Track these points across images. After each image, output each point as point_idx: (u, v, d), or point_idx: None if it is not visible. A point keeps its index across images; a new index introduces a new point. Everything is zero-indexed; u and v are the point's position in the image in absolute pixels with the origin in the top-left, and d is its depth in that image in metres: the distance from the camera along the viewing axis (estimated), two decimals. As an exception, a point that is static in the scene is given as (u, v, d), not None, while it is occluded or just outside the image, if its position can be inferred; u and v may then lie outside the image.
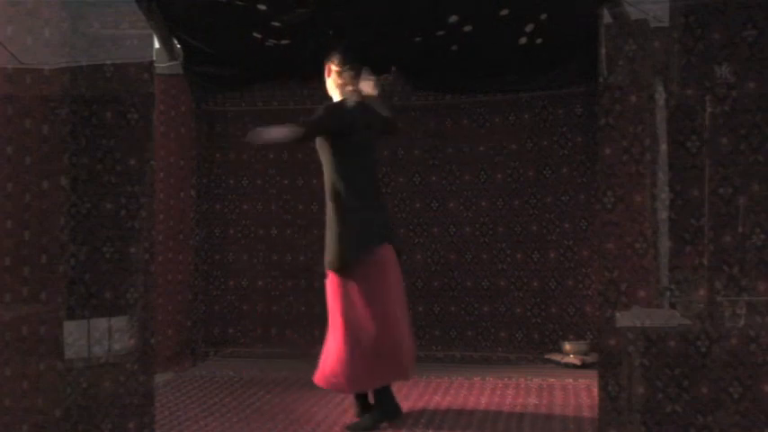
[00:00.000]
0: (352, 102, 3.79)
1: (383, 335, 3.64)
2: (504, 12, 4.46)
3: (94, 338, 3.16)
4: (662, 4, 3.04)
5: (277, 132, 3.78)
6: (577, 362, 4.90)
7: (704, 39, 2.98)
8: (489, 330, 5.36)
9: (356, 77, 3.82)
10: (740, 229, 2.95)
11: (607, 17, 3.14)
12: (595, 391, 3.23)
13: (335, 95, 3.85)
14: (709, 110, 2.98)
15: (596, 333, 4.49)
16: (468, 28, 4.66)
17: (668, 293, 3.01)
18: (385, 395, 3.78)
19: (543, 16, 4.55)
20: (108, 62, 3.21)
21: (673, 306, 3.01)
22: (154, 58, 3.40)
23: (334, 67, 3.81)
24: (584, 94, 5.06)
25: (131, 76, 3.23)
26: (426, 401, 4.19)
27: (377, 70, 5.37)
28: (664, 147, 3.02)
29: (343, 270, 3.66)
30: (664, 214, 3.02)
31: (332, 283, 3.71)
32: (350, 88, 3.80)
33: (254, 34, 4.84)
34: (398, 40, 4.87)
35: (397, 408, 3.81)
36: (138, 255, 3.21)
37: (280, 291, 5.57)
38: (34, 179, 3.08)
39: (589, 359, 4.85)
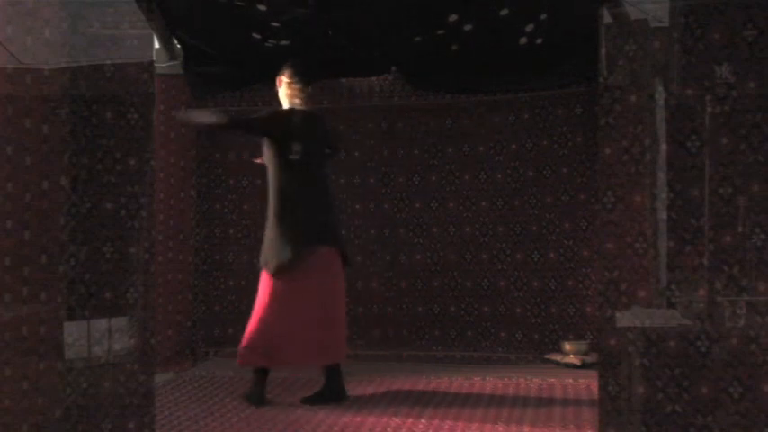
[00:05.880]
0: (297, 111, 4.18)
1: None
2: (505, 11, 4.46)
3: (94, 338, 3.15)
4: (662, 4, 3.03)
5: (210, 117, 4.33)
6: (577, 362, 4.90)
7: (704, 39, 2.98)
8: (489, 330, 5.37)
9: (303, 91, 4.22)
10: (740, 229, 2.95)
11: (607, 17, 3.13)
12: (595, 391, 3.23)
13: (285, 105, 4.23)
14: (709, 110, 2.98)
15: (596, 333, 4.49)
16: (468, 27, 4.66)
17: (668, 293, 3.01)
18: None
19: (543, 16, 4.55)
20: (108, 62, 3.20)
21: (673, 306, 3.01)
22: (154, 58, 3.39)
23: (284, 79, 4.23)
24: (585, 94, 5.06)
25: (131, 76, 3.22)
26: (426, 401, 4.19)
27: (377, 70, 5.42)
28: (664, 147, 3.02)
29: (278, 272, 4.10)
30: (664, 214, 3.01)
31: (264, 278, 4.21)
32: (297, 100, 4.21)
33: (254, 35, 4.84)
34: (398, 40, 4.88)
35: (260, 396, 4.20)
36: (138, 255, 3.21)
37: (280, 291, 5.56)
38: (34, 179, 3.08)
39: (589, 359, 4.85)
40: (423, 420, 3.82)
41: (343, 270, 4.29)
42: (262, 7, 4.41)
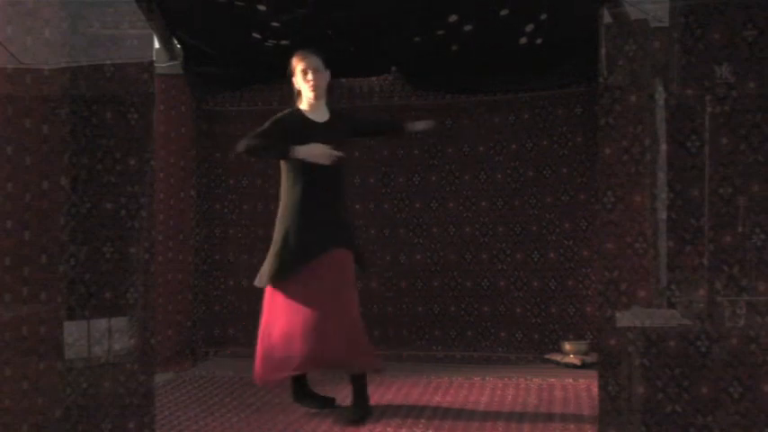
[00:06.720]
0: None
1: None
2: (505, 12, 4.46)
3: (94, 338, 3.15)
4: (662, 4, 3.04)
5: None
6: (577, 362, 4.90)
7: (704, 39, 2.98)
8: (489, 330, 5.36)
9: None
10: (740, 229, 2.95)
11: (607, 17, 3.13)
12: (595, 391, 3.23)
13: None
14: (709, 110, 2.98)
15: (596, 333, 4.49)
16: (468, 27, 4.66)
17: (668, 293, 3.01)
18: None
19: (543, 16, 4.55)
20: (108, 62, 3.21)
21: (673, 306, 3.01)
22: (154, 58, 3.39)
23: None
24: (585, 94, 5.06)
25: (131, 76, 3.23)
26: (426, 401, 4.19)
27: (377, 70, 5.42)
28: (664, 147, 3.02)
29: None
30: (664, 214, 3.01)
31: None
32: None
33: (254, 34, 4.85)
34: (398, 40, 4.88)
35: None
36: (138, 255, 3.21)
37: (280, 291, 5.56)
38: (34, 179, 3.08)
39: (589, 359, 4.85)
40: (422, 420, 3.82)
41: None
42: (262, 7, 4.41)
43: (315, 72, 3.81)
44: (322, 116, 3.88)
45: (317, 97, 3.84)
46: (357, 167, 5.50)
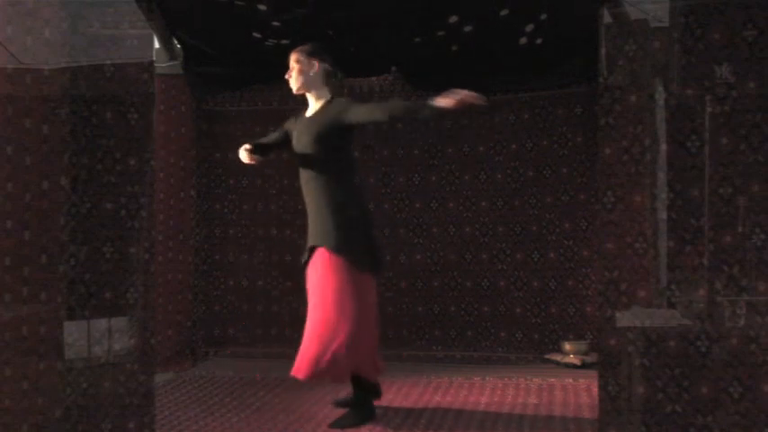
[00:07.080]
0: None
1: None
2: (505, 12, 4.46)
3: (94, 338, 3.16)
4: (662, 4, 3.04)
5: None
6: (577, 362, 4.90)
7: (704, 39, 2.98)
8: (489, 330, 5.37)
9: None
10: (740, 229, 2.95)
11: (607, 17, 3.14)
12: (595, 391, 3.23)
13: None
14: (709, 110, 2.98)
15: (596, 333, 4.49)
16: (468, 28, 4.66)
17: (668, 293, 3.01)
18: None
19: (543, 16, 4.55)
20: (108, 62, 3.21)
21: (673, 306, 3.01)
22: (154, 58, 3.39)
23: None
24: (585, 94, 5.06)
25: (131, 76, 3.23)
26: (426, 401, 4.19)
27: (377, 70, 5.42)
28: (664, 147, 3.02)
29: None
30: (664, 214, 3.02)
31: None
32: None
33: (255, 34, 4.85)
34: (398, 40, 4.88)
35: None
36: (138, 255, 3.21)
37: (280, 291, 5.57)
38: (34, 179, 3.08)
39: (589, 359, 4.85)
40: (422, 421, 3.82)
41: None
42: (262, 7, 4.41)
43: (291, 68, 3.71)
44: (310, 110, 3.77)
45: (298, 90, 3.74)
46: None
